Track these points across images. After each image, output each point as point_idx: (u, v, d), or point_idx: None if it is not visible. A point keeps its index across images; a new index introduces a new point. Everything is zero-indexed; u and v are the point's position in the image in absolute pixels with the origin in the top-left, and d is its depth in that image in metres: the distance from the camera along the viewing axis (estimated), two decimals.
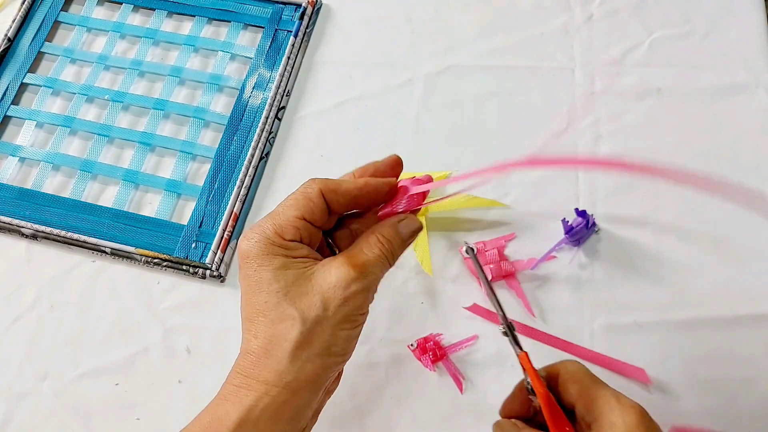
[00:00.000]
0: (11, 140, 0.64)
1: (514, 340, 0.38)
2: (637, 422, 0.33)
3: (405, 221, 0.37)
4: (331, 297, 0.34)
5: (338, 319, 0.34)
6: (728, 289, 0.54)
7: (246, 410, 0.34)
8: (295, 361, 0.34)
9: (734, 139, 0.59)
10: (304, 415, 0.35)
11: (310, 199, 0.36)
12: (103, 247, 0.57)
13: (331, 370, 0.35)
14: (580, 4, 0.66)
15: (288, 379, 0.34)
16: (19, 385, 0.54)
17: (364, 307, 0.35)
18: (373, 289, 0.36)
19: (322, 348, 0.34)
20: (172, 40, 0.67)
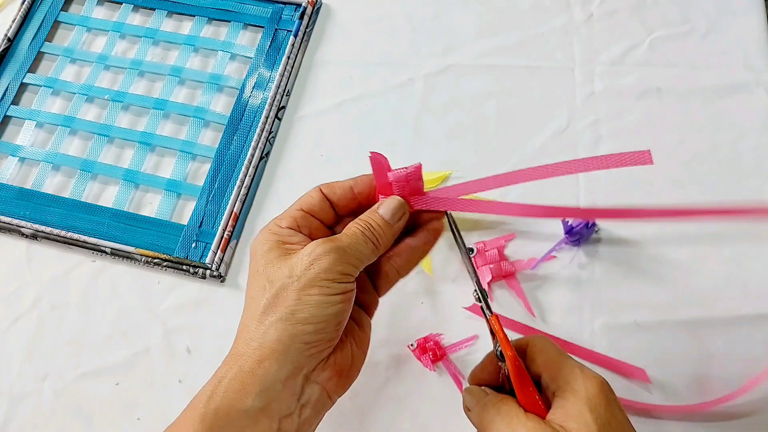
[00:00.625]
0: (11, 140, 0.64)
1: (485, 305, 0.38)
2: (597, 391, 0.34)
3: (384, 202, 0.38)
4: (297, 263, 0.34)
5: (303, 283, 0.34)
6: (728, 289, 0.54)
7: (216, 382, 0.34)
8: (259, 326, 0.34)
9: (734, 139, 0.59)
10: (275, 393, 0.33)
11: (310, 194, 0.38)
12: (103, 247, 0.57)
13: (298, 340, 0.33)
14: (579, 4, 0.66)
15: (253, 346, 0.34)
16: (20, 385, 0.54)
17: (332, 272, 0.34)
18: (348, 260, 0.35)
19: (286, 312, 0.33)
20: (172, 39, 0.67)
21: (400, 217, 0.38)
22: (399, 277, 0.40)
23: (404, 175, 0.38)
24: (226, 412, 0.33)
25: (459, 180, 0.59)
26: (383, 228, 0.37)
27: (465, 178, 0.59)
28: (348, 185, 0.39)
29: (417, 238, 0.39)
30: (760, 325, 0.52)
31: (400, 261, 0.39)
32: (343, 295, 0.34)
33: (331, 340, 0.35)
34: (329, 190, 0.38)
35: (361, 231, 0.36)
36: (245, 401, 0.33)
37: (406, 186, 0.38)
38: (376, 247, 0.37)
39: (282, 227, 0.37)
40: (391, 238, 0.38)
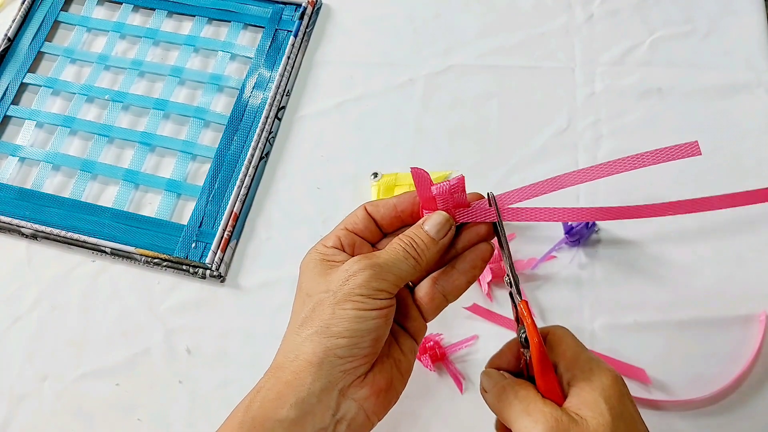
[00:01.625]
0: (11, 140, 0.64)
1: (516, 290, 0.38)
2: (612, 383, 0.35)
3: (429, 217, 0.38)
4: (334, 278, 0.35)
5: (338, 298, 0.34)
6: (728, 289, 0.54)
7: (255, 391, 0.35)
8: (296, 339, 0.35)
9: (735, 139, 0.59)
10: (310, 406, 0.34)
11: (354, 213, 0.39)
12: (103, 247, 0.57)
13: (332, 354, 0.34)
14: (580, 4, 0.66)
15: (290, 358, 0.34)
16: (20, 386, 0.54)
17: (368, 288, 0.34)
18: (385, 277, 0.35)
19: (321, 326, 0.34)
20: (172, 40, 0.67)
21: (446, 233, 0.37)
22: (447, 303, 0.39)
23: (448, 188, 0.37)
24: (262, 421, 0.33)
25: None
26: (427, 244, 0.37)
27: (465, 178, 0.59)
28: (392, 203, 0.39)
29: (465, 262, 0.38)
30: (759, 324, 0.52)
31: (447, 285, 0.39)
32: (378, 311, 0.34)
33: (367, 356, 0.35)
34: (373, 208, 0.39)
35: (402, 247, 0.36)
36: (280, 411, 0.33)
37: (450, 199, 0.37)
38: (418, 263, 0.36)
39: (327, 246, 0.38)
40: (436, 254, 0.37)
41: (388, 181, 0.59)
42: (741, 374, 0.50)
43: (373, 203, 0.39)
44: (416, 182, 0.38)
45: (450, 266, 0.39)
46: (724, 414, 0.50)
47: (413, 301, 0.39)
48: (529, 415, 0.35)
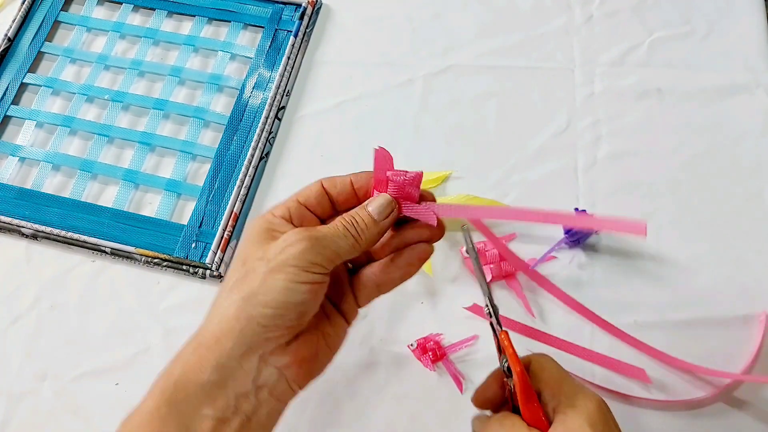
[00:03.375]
0: (11, 140, 0.64)
1: (496, 321, 0.39)
2: (596, 409, 0.36)
3: (373, 200, 0.37)
4: (272, 247, 0.35)
5: (271, 267, 0.34)
6: (728, 289, 0.54)
7: (177, 355, 0.35)
8: (222, 303, 0.34)
9: (734, 140, 0.59)
10: (230, 370, 0.34)
11: (309, 187, 0.38)
12: (103, 247, 0.57)
13: (254, 322, 0.33)
14: (580, 5, 0.66)
15: (214, 322, 0.34)
16: (19, 385, 0.54)
17: (302, 260, 0.34)
18: (322, 251, 0.34)
19: (248, 292, 0.34)
20: (172, 40, 0.67)
21: (387, 215, 0.37)
22: (378, 293, 0.39)
23: (402, 178, 0.37)
24: (184, 385, 0.33)
25: (459, 180, 0.59)
26: (367, 224, 0.36)
27: (465, 178, 0.59)
28: (348, 180, 0.38)
29: (402, 258, 0.38)
30: (759, 325, 0.52)
31: (382, 277, 0.38)
32: (310, 285, 0.34)
33: (291, 328, 0.34)
34: (330, 183, 0.38)
35: (343, 225, 0.36)
36: (201, 375, 0.33)
37: (402, 188, 0.38)
38: (357, 242, 0.36)
39: (275, 216, 0.37)
40: (376, 236, 0.37)
41: None
42: (741, 374, 0.50)
43: (330, 179, 0.39)
44: (376, 162, 0.38)
45: (389, 259, 0.39)
46: (724, 414, 0.50)
47: (349, 284, 0.39)
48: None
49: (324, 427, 0.51)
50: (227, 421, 0.34)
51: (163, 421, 0.33)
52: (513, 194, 0.58)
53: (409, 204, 0.38)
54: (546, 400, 0.37)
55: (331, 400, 0.52)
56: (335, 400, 0.52)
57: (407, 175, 0.37)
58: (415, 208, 0.38)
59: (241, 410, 0.34)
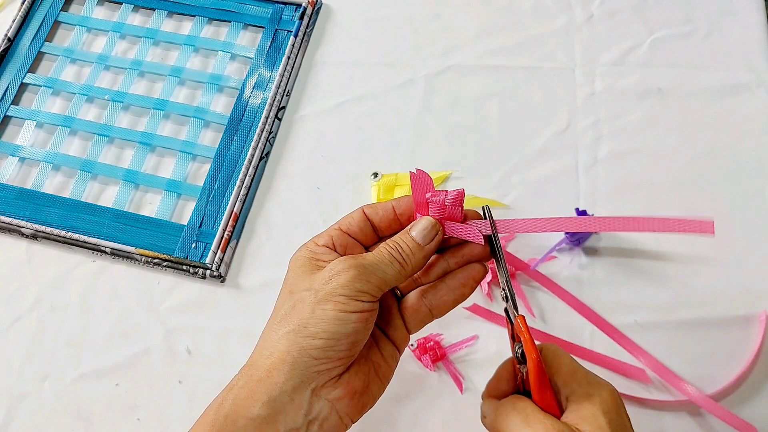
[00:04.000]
0: (11, 140, 0.64)
1: (513, 304, 0.38)
2: (609, 397, 0.36)
3: (416, 224, 0.37)
4: (318, 277, 0.35)
5: (319, 297, 0.34)
6: (728, 289, 0.54)
7: (228, 389, 0.35)
8: (272, 335, 0.34)
9: (735, 139, 0.59)
10: (282, 405, 0.33)
11: (351, 214, 0.38)
12: (103, 247, 0.57)
13: (306, 354, 0.33)
14: (580, 4, 0.66)
15: (265, 355, 0.34)
16: (20, 386, 0.54)
17: (350, 288, 0.34)
18: (369, 279, 0.34)
19: (298, 324, 0.34)
20: (172, 40, 0.67)
21: (431, 239, 0.37)
22: (432, 318, 0.39)
23: (443, 198, 0.37)
24: (234, 419, 0.33)
25: (459, 180, 0.59)
26: (412, 249, 0.36)
27: (466, 178, 0.59)
28: (390, 206, 0.38)
29: (455, 279, 0.38)
30: (759, 325, 0.52)
31: (434, 300, 0.38)
32: (359, 314, 0.34)
33: (342, 359, 0.34)
34: (371, 210, 0.38)
35: (387, 251, 0.36)
36: (252, 409, 0.33)
37: (444, 209, 0.37)
38: (403, 268, 0.36)
39: (318, 245, 0.37)
40: (422, 260, 0.37)
41: (388, 181, 0.59)
42: (741, 374, 0.50)
43: (371, 206, 0.39)
44: (413, 185, 0.37)
45: (440, 281, 0.38)
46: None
47: (398, 310, 0.39)
48: (530, 426, 0.34)
49: None
50: None
51: None
52: (514, 194, 0.58)
53: (453, 224, 0.37)
54: (558, 388, 0.37)
55: None
56: None
57: (448, 195, 0.37)
58: (459, 228, 0.37)
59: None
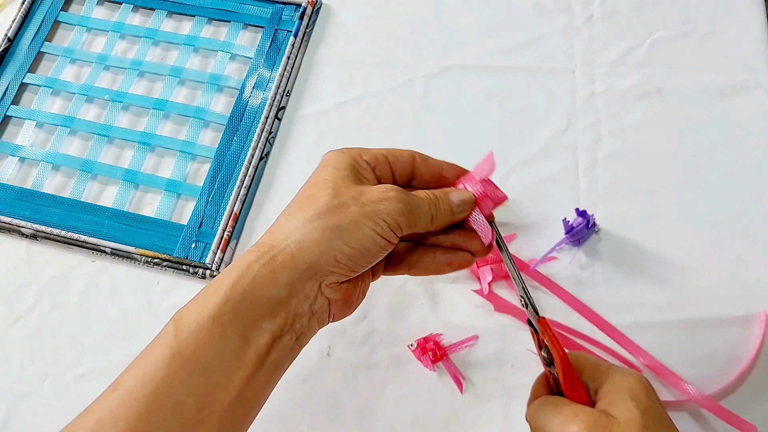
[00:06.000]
0: (11, 140, 0.64)
1: (533, 308, 0.39)
2: (636, 382, 0.36)
3: (459, 192, 0.39)
4: (368, 191, 0.36)
5: (365, 211, 0.35)
6: (728, 289, 0.54)
7: (245, 266, 0.35)
8: (307, 224, 0.35)
9: (735, 140, 0.59)
10: (297, 291, 0.35)
11: (401, 151, 0.40)
12: (103, 247, 0.57)
13: (332, 254, 0.35)
14: (580, 5, 0.66)
15: (292, 240, 0.35)
16: (20, 386, 0.54)
17: (392, 218, 0.35)
18: (408, 218, 0.36)
19: (337, 224, 0.35)
20: (172, 40, 0.67)
21: (462, 212, 0.39)
22: (407, 272, 0.41)
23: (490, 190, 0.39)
24: (251, 296, 0.34)
25: None
26: (444, 211, 0.38)
27: None
28: (441, 165, 0.40)
29: (444, 256, 0.40)
30: (759, 325, 0.52)
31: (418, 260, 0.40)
32: (386, 241, 0.36)
33: (355, 271, 0.36)
34: (422, 160, 0.40)
35: (428, 201, 0.37)
36: (271, 289, 0.34)
37: (483, 198, 0.39)
38: (432, 222, 0.38)
39: (363, 158, 0.38)
40: (445, 225, 0.38)
41: None
42: (741, 374, 0.50)
43: (424, 156, 0.40)
44: (483, 163, 0.39)
45: (430, 250, 0.40)
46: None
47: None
48: (560, 413, 0.36)
49: (324, 427, 0.51)
50: (281, 337, 0.35)
51: (224, 328, 0.34)
52: (513, 194, 0.58)
53: (477, 214, 0.39)
54: (586, 382, 0.38)
55: (331, 400, 0.52)
56: (335, 400, 0.52)
57: (497, 192, 0.39)
58: (479, 222, 0.39)
59: (294, 329, 0.36)
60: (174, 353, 0.33)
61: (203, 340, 0.34)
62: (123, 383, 0.34)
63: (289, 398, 0.52)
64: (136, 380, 0.33)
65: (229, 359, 0.34)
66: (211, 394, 0.33)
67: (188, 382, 0.33)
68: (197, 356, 0.33)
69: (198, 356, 0.33)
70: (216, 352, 0.34)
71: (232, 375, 0.34)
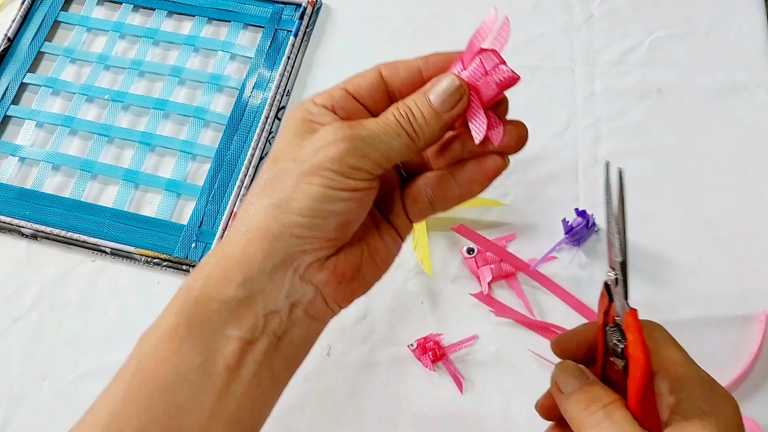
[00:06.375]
0: (11, 140, 0.64)
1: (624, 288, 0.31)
2: (729, 417, 0.28)
3: (435, 82, 0.30)
4: (308, 145, 0.29)
5: (305, 170, 0.29)
6: (728, 289, 0.54)
7: (198, 269, 0.31)
8: (250, 209, 0.30)
9: (734, 139, 0.59)
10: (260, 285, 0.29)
11: (362, 74, 0.32)
12: (103, 247, 0.57)
13: (288, 232, 0.29)
14: (580, 4, 0.66)
15: (241, 231, 0.30)
16: (20, 386, 0.54)
17: (340, 164, 0.28)
18: (366, 153, 0.29)
19: (280, 198, 0.29)
20: (172, 39, 0.67)
21: (452, 105, 0.30)
22: (433, 210, 0.33)
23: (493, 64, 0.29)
24: (205, 302, 0.30)
25: None
26: (427, 117, 0.30)
27: None
28: (416, 66, 0.32)
29: (465, 172, 0.32)
30: (759, 325, 0.52)
31: (438, 192, 0.32)
32: (350, 192, 0.29)
33: (332, 240, 0.30)
34: (391, 71, 0.32)
35: (395, 118, 0.30)
36: (226, 291, 0.29)
37: (484, 76, 0.29)
38: (413, 141, 0.30)
39: (316, 104, 0.31)
40: (438, 133, 0.30)
41: None
42: (741, 374, 0.50)
43: (391, 65, 0.32)
44: (480, 29, 0.30)
45: (448, 171, 0.32)
46: None
47: (399, 193, 0.33)
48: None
49: (324, 427, 0.51)
50: (254, 342, 0.30)
51: (182, 342, 0.30)
52: (513, 194, 0.58)
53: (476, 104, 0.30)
54: (660, 390, 0.30)
55: (331, 400, 0.52)
56: (335, 400, 0.52)
57: (502, 70, 0.29)
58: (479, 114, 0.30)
59: (270, 329, 0.30)
60: (134, 371, 0.30)
61: (162, 356, 0.30)
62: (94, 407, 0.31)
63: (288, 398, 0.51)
64: (103, 404, 0.30)
65: (192, 377, 0.29)
66: (176, 419, 0.29)
67: (149, 406, 0.29)
68: (157, 375, 0.30)
69: (157, 375, 0.30)
70: (176, 370, 0.29)
71: (198, 395, 0.29)
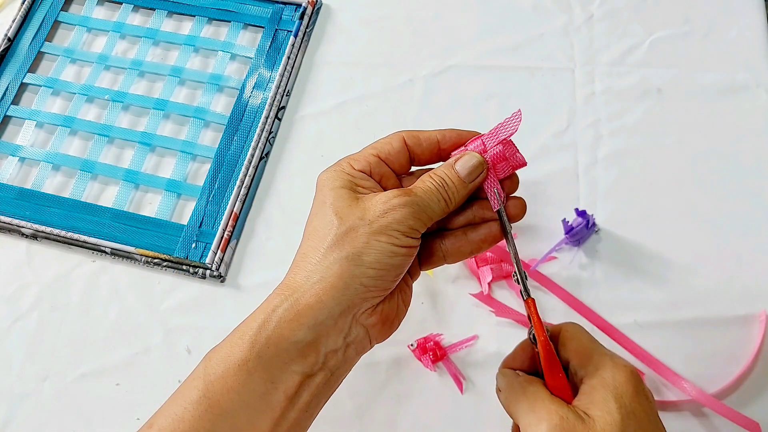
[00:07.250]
0: (11, 140, 0.64)
1: (524, 287, 0.38)
2: (625, 380, 0.34)
3: (461, 158, 0.37)
4: (371, 207, 0.35)
5: (374, 229, 0.34)
6: (728, 289, 0.54)
7: (270, 310, 0.34)
8: (323, 261, 0.34)
9: (734, 139, 0.59)
10: (327, 329, 0.34)
11: (389, 141, 0.38)
12: (104, 247, 0.57)
13: (358, 282, 0.34)
14: (580, 4, 0.66)
15: (313, 280, 0.34)
16: (20, 386, 0.54)
17: (404, 225, 0.34)
18: (420, 216, 0.35)
19: (353, 252, 0.34)
20: (172, 40, 0.67)
21: (476, 176, 0.37)
22: (444, 262, 0.39)
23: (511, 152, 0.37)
24: (276, 342, 0.34)
25: None
26: (457, 186, 0.36)
27: None
28: (435, 138, 0.39)
29: (477, 233, 0.38)
30: (759, 324, 0.52)
31: (451, 247, 0.38)
32: (408, 248, 0.35)
33: (387, 289, 0.35)
34: (414, 141, 0.38)
35: (434, 186, 0.36)
36: (297, 333, 0.34)
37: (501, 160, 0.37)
38: (447, 205, 0.36)
39: (355, 169, 0.37)
40: (464, 197, 0.37)
41: None
42: (741, 374, 0.50)
43: (412, 134, 0.39)
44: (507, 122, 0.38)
45: (462, 231, 0.38)
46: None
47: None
48: (534, 412, 0.35)
49: (324, 427, 0.51)
50: (313, 376, 0.35)
51: (250, 375, 0.33)
52: None
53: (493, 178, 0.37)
54: (574, 369, 0.36)
55: (331, 400, 0.52)
56: (335, 400, 0.52)
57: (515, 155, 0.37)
58: (496, 186, 0.37)
59: (328, 366, 0.35)
60: (201, 396, 0.34)
61: (229, 386, 0.34)
62: (156, 422, 0.34)
63: None
64: (168, 422, 0.34)
65: (255, 404, 0.34)
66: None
67: (213, 428, 0.34)
68: (222, 402, 0.34)
69: (223, 402, 0.34)
70: (241, 399, 0.34)
71: (257, 420, 0.34)
